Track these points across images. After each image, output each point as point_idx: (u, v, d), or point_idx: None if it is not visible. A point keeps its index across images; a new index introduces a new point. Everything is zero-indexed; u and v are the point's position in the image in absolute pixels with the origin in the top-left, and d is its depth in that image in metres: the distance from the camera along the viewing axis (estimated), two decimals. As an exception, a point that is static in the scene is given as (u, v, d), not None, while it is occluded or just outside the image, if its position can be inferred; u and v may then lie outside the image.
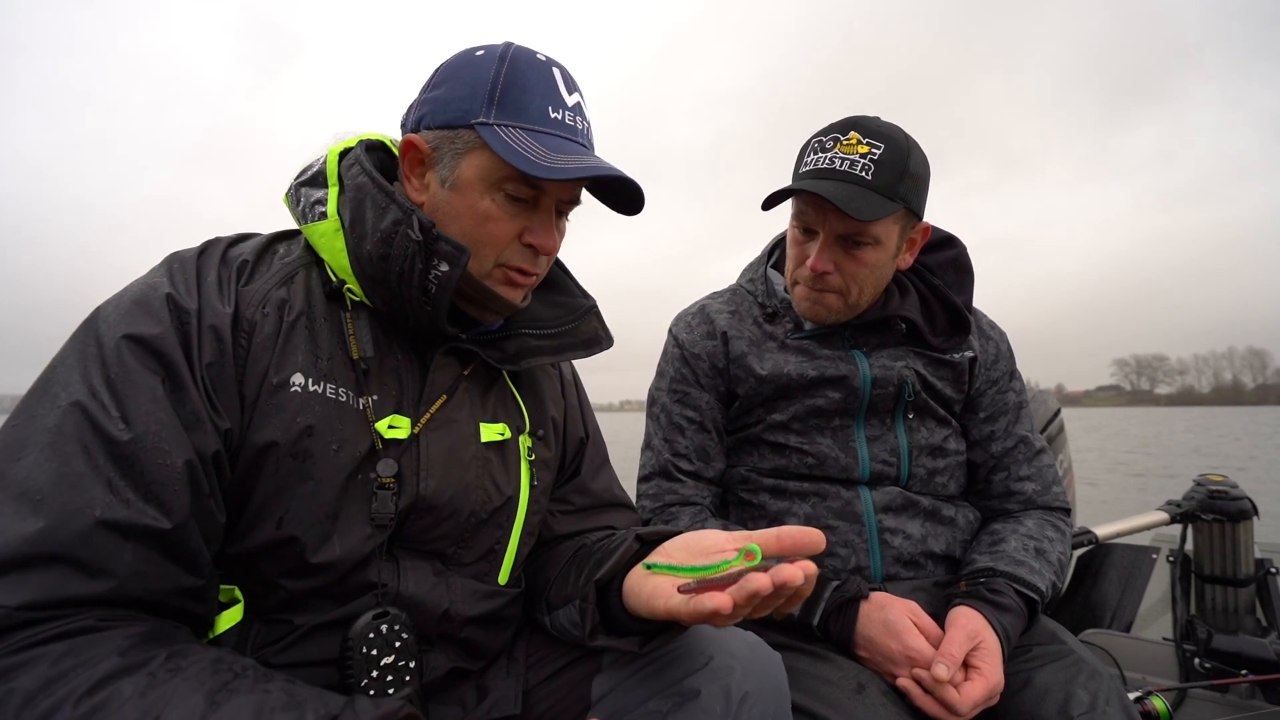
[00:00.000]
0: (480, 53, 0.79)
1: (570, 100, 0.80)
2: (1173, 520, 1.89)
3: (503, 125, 0.75)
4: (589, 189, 0.85)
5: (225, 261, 0.75)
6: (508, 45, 0.79)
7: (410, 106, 0.83)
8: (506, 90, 0.76)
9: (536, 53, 0.79)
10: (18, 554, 0.54)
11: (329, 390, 0.74)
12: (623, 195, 0.84)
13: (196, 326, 0.68)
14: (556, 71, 0.80)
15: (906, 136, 1.11)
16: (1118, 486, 10.42)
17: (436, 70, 0.82)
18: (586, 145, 0.81)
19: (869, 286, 1.16)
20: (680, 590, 0.64)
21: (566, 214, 0.85)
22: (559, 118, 0.78)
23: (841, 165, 1.08)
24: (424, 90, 0.81)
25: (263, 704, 0.55)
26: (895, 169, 1.07)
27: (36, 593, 0.54)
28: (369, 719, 0.58)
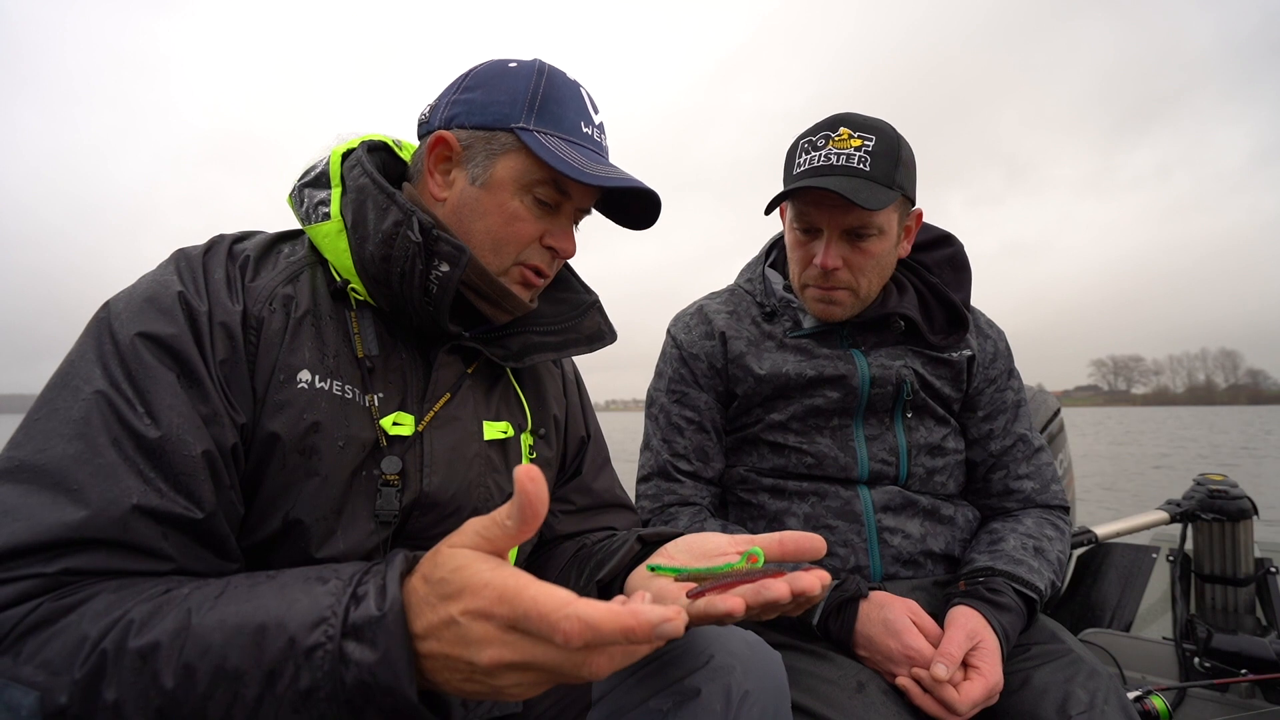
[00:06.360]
0: (513, 64, 0.83)
1: (596, 120, 0.86)
2: (1172, 520, 1.89)
3: (543, 133, 0.80)
4: (600, 207, 0.91)
5: (232, 257, 0.75)
6: (540, 61, 0.83)
7: (434, 106, 0.85)
8: (545, 102, 0.81)
9: (566, 72, 0.84)
10: (60, 538, 0.55)
11: (335, 387, 0.74)
12: (635, 211, 0.89)
13: (208, 326, 0.68)
14: (584, 92, 0.86)
15: (892, 127, 1.12)
16: (1096, 483, 10.53)
17: (467, 75, 0.85)
18: (607, 161, 0.87)
19: (876, 278, 1.17)
20: (688, 595, 0.64)
21: (578, 222, 0.89)
22: (589, 133, 0.84)
23: (838, 161, 1.08)
24: (454, 92, 0.84)
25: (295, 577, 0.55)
26: (889, 159, 1.08)
27: (80, 564, 0.55)
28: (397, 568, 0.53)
